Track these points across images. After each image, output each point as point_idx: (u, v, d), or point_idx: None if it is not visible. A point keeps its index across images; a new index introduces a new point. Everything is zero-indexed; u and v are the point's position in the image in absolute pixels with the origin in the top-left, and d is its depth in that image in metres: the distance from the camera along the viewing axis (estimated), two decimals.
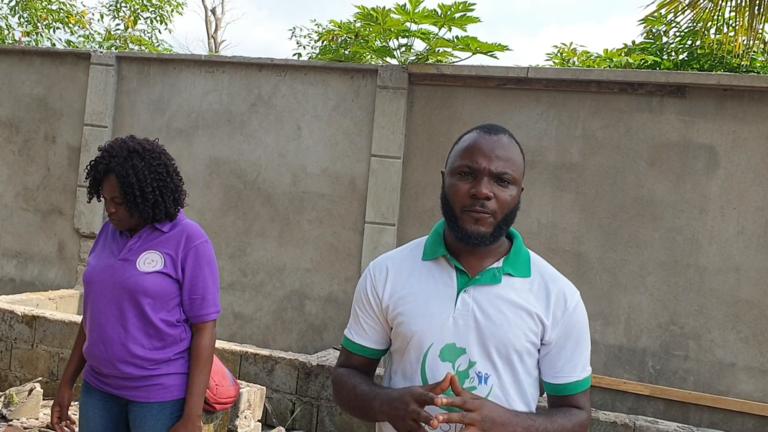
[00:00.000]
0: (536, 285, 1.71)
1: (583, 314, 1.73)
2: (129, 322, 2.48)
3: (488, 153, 1.65)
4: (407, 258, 1.80)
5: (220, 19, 20.48)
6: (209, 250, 2.59)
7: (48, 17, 11.97)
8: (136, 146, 2.55)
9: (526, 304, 1.67)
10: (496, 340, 1.65)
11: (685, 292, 5.26)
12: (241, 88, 6.37)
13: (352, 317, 1.85)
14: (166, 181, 2.56)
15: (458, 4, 5.64)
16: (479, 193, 1.62)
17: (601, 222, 5.45)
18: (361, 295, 1.81)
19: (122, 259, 2.53)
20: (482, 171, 1.64)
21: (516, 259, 1.73)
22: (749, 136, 5.18)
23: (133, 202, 2.48)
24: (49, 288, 6.73)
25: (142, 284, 2.47)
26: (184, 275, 2.52)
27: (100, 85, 6.68)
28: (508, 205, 1.66)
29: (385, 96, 5.92)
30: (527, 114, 5.65)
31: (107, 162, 2.50)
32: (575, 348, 1.70)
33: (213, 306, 2.56)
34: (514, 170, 1.66)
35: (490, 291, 1.68)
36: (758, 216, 5.14)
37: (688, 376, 5.23)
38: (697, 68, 7.24)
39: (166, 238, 2.55)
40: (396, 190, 5.88)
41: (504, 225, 1.68)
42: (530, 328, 1.66)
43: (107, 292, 2.50)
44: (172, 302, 2.53)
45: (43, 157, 6.93)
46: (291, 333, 6.18)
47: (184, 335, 2.56)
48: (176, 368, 2.54)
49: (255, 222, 6.29)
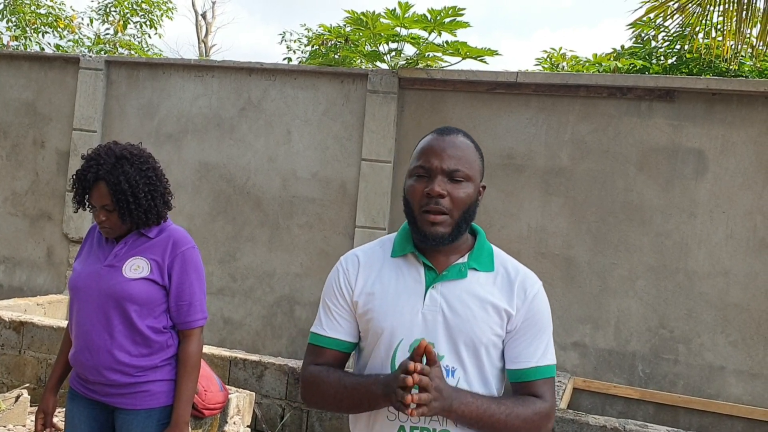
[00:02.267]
0: (499, 278, 1.75)
1: (545, 303, 1.77)
2: (115, 329, 2.45)
3: (440, 153, 1.70)
4: (377, 253, 1.82)
5: (210, 23, 20.44)
6: (196, 256, 2.57)
7: (37, 21, 11.91)
8: (124, 152, 2.52)
9: (492, 298, 1.71)
10: (463, 334, 1.68)
11: (674, 296, 5.27)
12: (231, 93, 6.36)
13: (323, 312, 1.84)
14: (156, 185, 2.55)
15: (448, 9, 5.64)
16: (432, 191, 1.67)
17: (591, 226, 5.46)
18: (333, 287, 1.83)
19: (108, 265, 2.50)
20: (435, 170, 1.69)
21: (480, 254, 1.77)
22: (738, 140, 5.21)
23: (126, 209, 2.46)
24: (38, 293, 6.68)
25: (128, 291, 2.44)
26: (171, 282, 2.50)
27: (89, 90, 6.65)
28: (464, 202, 1.70)
29: (376, 100, 5.92)
30: (517, 118, 5.66)
31: (95, 170, 2.47)
32: (535, 335, 1.73)
33: (200, 312, 2.55)
34: (468, 167, 1.71)
35: (456, 286, 1.72)
36: (747, 220, 5.16)
37: (677, 380, 5.25)
38: (686, 72, 7.28)
39: (152, 244, 2.53)
40: (386, 194, 5.87)
41: (463, 222, 1.72)
42: (496, 322, 1.71)
43: (93, 298, 2.48)
44: (158, 309, 2.50)
45: (31, 162, 6.89)
46: (281, 338, 6.15)
47: (171, 341, 2.54)
48: (163, 375, 2.52)
49: (244, 227, 6.27)
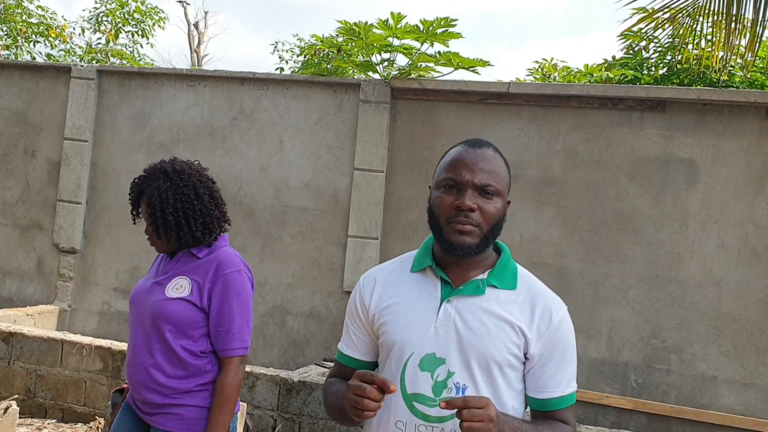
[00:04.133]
0: (521, 298, 1.70)
1: (569, 329, 1.73)
2: (154, 347, 2.42)
3: (472, 166, 1.67)
4: (396, 270, 1.82)
5: (203, 33, 20.46)
6: (241, 280, 2.45)
7: (28, 30, 11.89)
8: (167, 167, 2.50)
9: (509, 316, 1.67)
10: (476, 351, 1.65)
11: (666, 306, 5.28)
12: (223, 102, 6.35)
13: (344, 329, 1.87)
14: (193, 203, 2.47)
15: (440, 20, 5.66)
16: (463, 204, 1.64)
17: (583, 236, 5.47)
18: (351, 306, 1.84)
19: (157, 282, 2.49)
20: (466, 183, 1.66)
21: (502, 272, 1.73)
22: (729, 150, 5.23)
23: (155, 224, 2.45)
24: (28, 304, 6.63)
25: (164, 310, 2.41)
26: (211, 305, 2.42)
27: (80, 99, 6.63)
28: (493, 217, 1.67)
29: (368, 110, 5.92)
30: (509, 128, 5.67)
31: (141, 183, 2.49)
32: (560, 363, 1.69)
33: (239, 341, 2.42)
34: (498, 182, 1.68)
35: (473, 302, 1.68)
36: (738, 230, 5.18)
37: (670, 390, 5.24)
38: (677, 83, 7.31)
39: (198, 265, 2.47)
40: (379, 204, 5.87)
41: (490, 236, 1.69)
42: (511, 340, 1.66)
43: (140, 314, 2.47)
44: (196, 332, 2.43)
45: (22, 171, 6.85)
46: (272, 349, 6.12)
47: (210, 367, 2.45)
48: (197, 401, 2.44)
49: (236, 237, 6.25)
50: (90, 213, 6.59)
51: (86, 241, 6.64)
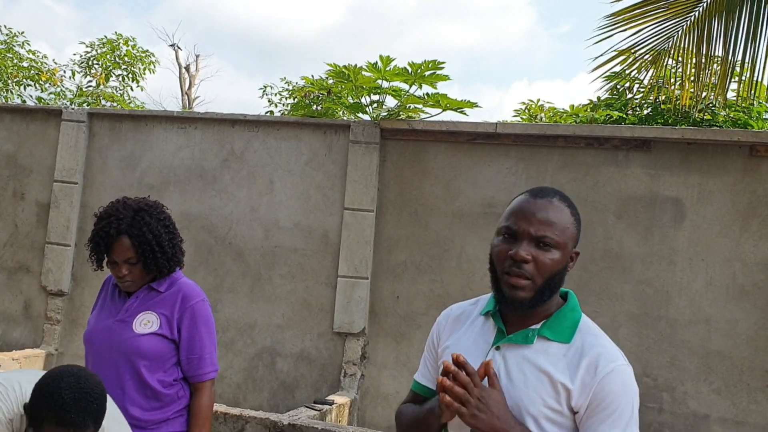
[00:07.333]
0: (572, 351, 1.67)
1: (621, 385, 1.64)
2: (126, 384, 2.47)
3: (530, 216, 1.67)
4: (470, 309, 1.86)
5: (194, 75, 20.63)
6: (206, 309, 2.60)
7: (19, 74, 11.97)
8: (140, 205, 2.57)
9: (552, 370, 1.64)
10: (511, 401, 1.63)
11: (656, 344, 5.28)
12: (214, 144, 6.39)
13: (422, 359, 1.93)
14: (174, 232, 2.61)
15: (428, 63, 5.76)
16: (516, 255, 1.64)
17: (572, 274, 5.45)
18: (429, 338, 1.91)
19: (119, 320, 2.53)
20: (522, 233, 1.66)
21: (558, 323, 1.72)
22: (714, 188, 5.29)
23: (152, 259, 2.50)
24: (14, 348, 6.55)
25: (138, 346, 2.46)
26: (181, 335, 2.52)
27: (71, 142, 6.65)
28: (549, 269, 1.66)
29: (358, 150, 5.97)
30: (497, 168, 5.72)
31: (117, 225, 2.50)
32: (605, 420, 1.61)
33: (210, 365, 2.57)
34: (558, 234, 1.67)
35: (520, 352, 1.68)
36: (726, 267, 5.22)
37: (663, 429, 5.22)
38: (662, 123, 7.43)
39: (162, 298, 2.55)
40: (369, 244, 5.88)
41: (546, 290, 1.68)
42: (549, 394, 1.63)
43: (105, 353, 2.50)
44: (168, 363, 2.52)
45: (11, 213, 6.84)
46: (262, 391, 6.06)
47: (182, 393, 2.55)
48: (176, 426, 2.53)
49: (226, 278, 6.23)
50: (79, 255, 6.56)
51: (74, 283, 6.60)
